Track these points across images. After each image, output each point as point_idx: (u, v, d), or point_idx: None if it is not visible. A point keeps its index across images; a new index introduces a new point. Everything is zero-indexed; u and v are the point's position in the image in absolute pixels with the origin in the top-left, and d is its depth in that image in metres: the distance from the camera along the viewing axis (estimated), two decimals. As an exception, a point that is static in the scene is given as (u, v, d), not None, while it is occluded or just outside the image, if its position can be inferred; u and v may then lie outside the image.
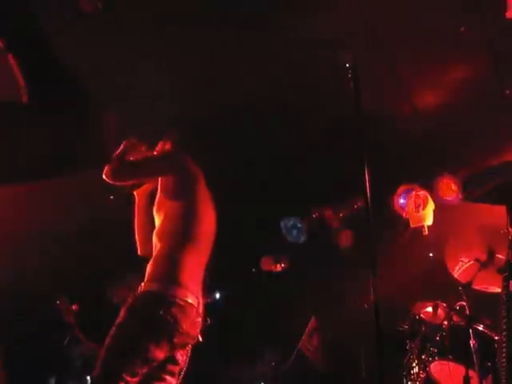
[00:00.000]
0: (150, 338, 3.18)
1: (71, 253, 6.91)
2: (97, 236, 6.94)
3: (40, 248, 6.75)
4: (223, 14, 4.76)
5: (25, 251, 6.76)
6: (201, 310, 3.42)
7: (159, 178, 3.72)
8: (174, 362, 3.35)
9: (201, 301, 3.42)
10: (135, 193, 3.93)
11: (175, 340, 3.26)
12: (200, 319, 3.41)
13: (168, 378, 3.33)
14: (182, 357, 3.40)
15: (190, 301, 3.30)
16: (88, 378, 6.33)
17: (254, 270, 7.83)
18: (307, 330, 6.86)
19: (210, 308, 3.48)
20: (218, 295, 8.27)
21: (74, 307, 5.25)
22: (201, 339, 3.47)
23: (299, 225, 7.51)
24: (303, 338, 6.81)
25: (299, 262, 7.91)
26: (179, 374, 3.42)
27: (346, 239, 7.33)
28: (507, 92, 5.55)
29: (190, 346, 3.45)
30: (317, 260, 7.84)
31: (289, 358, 7.05)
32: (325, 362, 6.93)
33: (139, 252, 3.88)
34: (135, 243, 3.94)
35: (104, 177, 3.52)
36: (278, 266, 7.91)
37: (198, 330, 3.42)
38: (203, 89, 5.45)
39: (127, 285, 5.68)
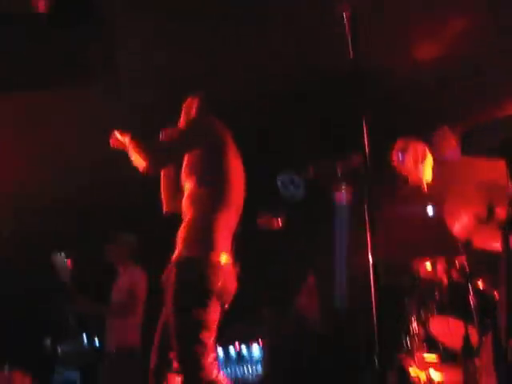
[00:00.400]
0: (206, 304, 3.20)
1: (67, 211, 6.89)
2: (95, 195, 6.92)
3: (36, 206, 6.73)
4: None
5: (22, 209, 6.75)
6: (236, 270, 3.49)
7: None
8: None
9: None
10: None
11: (224, 300, 3.37)
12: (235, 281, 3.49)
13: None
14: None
15: (228, 262, 3.39)
16: (84, 335, 6.36)
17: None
18: (305, 289, 6.88)
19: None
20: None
21: (68, 264, 5.21)
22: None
23: (297, 181, 7.48)
24: (301, 297, 6.83)
25: (297, 219, 7.89)
26: None
27: (344, 196, 7.30)
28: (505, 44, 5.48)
29: None
30: (315, 217, 7.83)
31: (287, 319, 7.08)
32: (323, 320, 6.97)
33: (165, 208, 3.85)
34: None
35: (143, 171, 3.41)
36: (276, 223, 7.89)
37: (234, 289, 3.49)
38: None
39: (122, 243, 5.66)
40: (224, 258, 3.34)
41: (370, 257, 2.64)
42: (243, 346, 6.68)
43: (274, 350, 6.71)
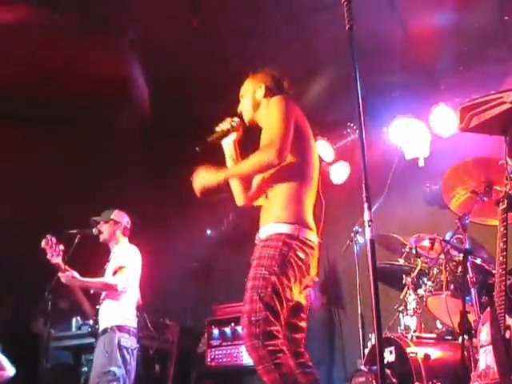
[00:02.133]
0: (288, 278, 3.20)
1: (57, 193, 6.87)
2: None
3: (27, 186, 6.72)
4: None
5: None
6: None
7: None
8: (302, 308, 3.41)
9: None
10: (223, 143, 3.76)
11: (304, 280, 3.33)
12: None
13: (301, 324, 3.39)
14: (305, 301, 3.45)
15: (315, 242, 3.39)
16: (78, 319, 6.35)
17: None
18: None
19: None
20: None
21: (60, 247, 5.15)
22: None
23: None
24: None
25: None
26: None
27: (340, 171, 7.27)
28: (506, 18, 5.43)
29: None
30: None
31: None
32: (319, 298, 6.97)
33: (242, 202, 3.82)
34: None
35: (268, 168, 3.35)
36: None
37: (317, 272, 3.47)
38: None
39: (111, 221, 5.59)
40: (315, 238, 3.40)
41: (367, 233, 2.62)
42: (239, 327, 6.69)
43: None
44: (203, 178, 3.47)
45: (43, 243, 5.13)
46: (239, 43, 5.81)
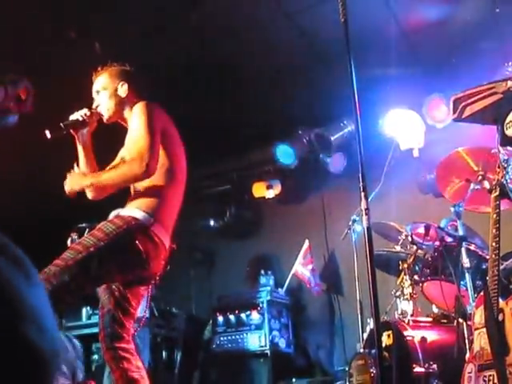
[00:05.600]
0: (116, 257, 3.23)
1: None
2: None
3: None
4: None
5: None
6: (167, 254, 3.45)
7: (125, 120, 3.69)
8: (137, 299, 3.48)
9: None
10: (74, 132, 3.68)
11: (138, 273, 3.36)
12: (163, 263, 3.45)
13: (123, 314, 3.42)
14: (136, 301, 3.48)
15: (164, 242, 3.37)
16: (88, 308, 6.42)
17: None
18: (301, 254, 6.94)
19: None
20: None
21: None
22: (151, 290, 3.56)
23: (290, 149, 7.53)
24: (297, 262, 6.90)
25: (291, 186, 7.95)
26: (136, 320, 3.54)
27: (337, 163, 7.37)
28: (497, 10, 5.48)
29: (145, 295, 3.56)
30: (308, 184, 7.89)
31: (283, 284, 7.17)
32: (320, 286, 7.05)
33: (91, 195, 3.71)
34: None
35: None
36: (270, 191, 7.96)
37: (159, 274, 3.46)
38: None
39: None
40: (165, 238, 3.39)
41: (364, 221, 2.71)
42: (243, 314, 6.80)
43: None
44: (72, 181, 3.49)
45: (69, 242, 5.21)
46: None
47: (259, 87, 6.60)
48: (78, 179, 3.50)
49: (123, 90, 3.68)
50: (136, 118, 3.46)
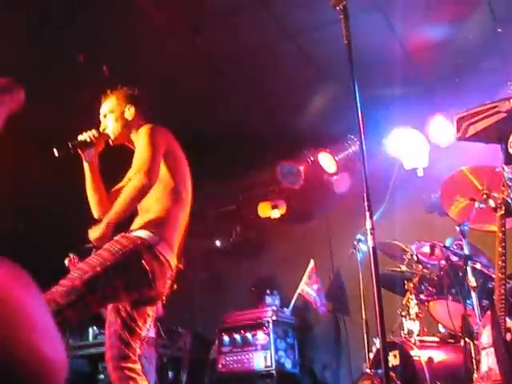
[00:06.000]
0: (122, 277, 3.23)
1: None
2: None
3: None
4: None
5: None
6: (173, 273, 3.47)
7: (132, 142, 3.72)
8: (144, 318, 3.45)
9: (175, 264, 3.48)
10: (82, 152, 3.69)
11: (144, 292, 3.35)
12: (169, 283, 3.46)
13: (129, 333, 3.40)
14: (142, 321, 3.46)
15: (170, 261, 3.39)
16: (94, 328, 6.42)
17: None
18: (307, 274, 6.93)
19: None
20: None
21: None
22: (161, 310, 3.54)
23: (295, 170, 7.54)
24: (303, 282, 6.89)
25: (296, 206, 7.96)
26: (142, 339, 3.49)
27: (342, 183, 7.38)
28: (499, 30, 5.51)
29: (151, 315, 3.53)
30: (313, 204, 7.90)
31: (289, 304, 7.15)
32: (326, 305, 7.04)
33: (97, 214, 3.75)
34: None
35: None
36: (276, 211, 7.97)
37: (165, 293, 3.47)
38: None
39: None
40: (171, 257, 3.40)
41: (370, 241, 2.71)
42: (248, 334, 6.79)
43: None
44: (93, 232, 3.42)
45: (66, 262, 5.22)
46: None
47: (264, 107, 6.64)
48: (97, 227, 3.45)
49: (130, 113, 3.74)
50: (140, 140, 3.52)
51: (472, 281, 4.18)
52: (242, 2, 5.21)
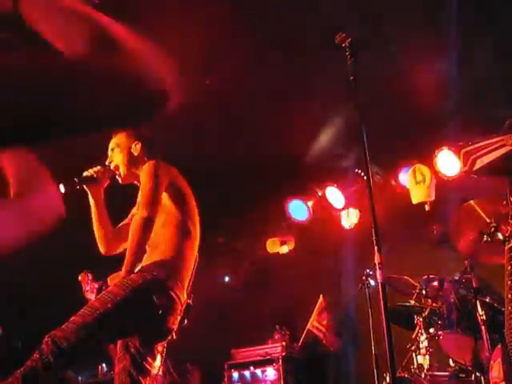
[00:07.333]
0: (133, 313, 3.25)
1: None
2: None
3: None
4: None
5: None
6: (183, 309, 3.49)
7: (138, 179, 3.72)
8: (153, 355, 3.43)
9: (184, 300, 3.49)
10: (87, 188, 3.76)
11: (154, 328, 3.37)
12: (179, 318, 3.47)
13: (146, 370, 3.39)
14: (152, 358, 3.44)
15: (181, 297, 3.41)
16: (103, 365, 6.41)
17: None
18: (316, 309, 6.91)
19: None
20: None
21: (95, 285, 5.22)
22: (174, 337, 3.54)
23: (304, 205, 7.56)
24: (312, 317, 6.87)
25: (305, 241, 7.97)
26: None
27: (350, 217, 7.39)
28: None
29: (161, 350, 3.52)
30: (322, 239, 7.90)
31: (298, 339, 7.12)
32: (336, 341, 7.00)
33: (103, 250, 3.82)
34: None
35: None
36: (284, 247, 7.98)
37: (175, 329, 3.47)
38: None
39: None
40: (182, 294, 3.42)
41: (378, 276, 2.73)
42: (258, 370, 6.76)
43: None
44: (113, 280, 3.46)
45: (80, 278, 5.22)
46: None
47: (271, 144, 6.68)
48: (117, 275, 3.47)
49: (136, 149, 3.81)
50: (143, 176, 3.57)
51: (481, 314, 4.17)
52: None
